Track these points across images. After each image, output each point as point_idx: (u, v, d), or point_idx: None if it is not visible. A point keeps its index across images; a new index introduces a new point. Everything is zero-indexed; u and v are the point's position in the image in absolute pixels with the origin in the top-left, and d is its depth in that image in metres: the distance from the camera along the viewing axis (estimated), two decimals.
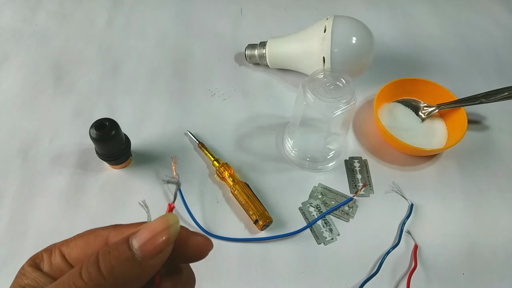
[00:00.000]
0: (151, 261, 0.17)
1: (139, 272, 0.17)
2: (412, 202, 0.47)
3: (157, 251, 0.17)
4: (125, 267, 0.16)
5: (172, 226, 0.17)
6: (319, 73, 0.45)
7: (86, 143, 0.50)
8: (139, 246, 0.17)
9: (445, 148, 0.49)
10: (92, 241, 0.20)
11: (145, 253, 0.17)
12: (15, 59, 0.61)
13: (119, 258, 0.16)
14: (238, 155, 0.51)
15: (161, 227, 0.17)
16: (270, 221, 0.44)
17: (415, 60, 0.62)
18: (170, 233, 0.17)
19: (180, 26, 0.66)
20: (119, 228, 0.20)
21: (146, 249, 0.17)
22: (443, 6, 0.71)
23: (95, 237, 0.20)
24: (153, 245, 0.17)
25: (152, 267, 0.17)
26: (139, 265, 0.16)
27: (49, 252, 0.20)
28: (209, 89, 0.58)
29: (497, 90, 0.50)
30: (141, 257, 0.16)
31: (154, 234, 0.17)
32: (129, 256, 0.16)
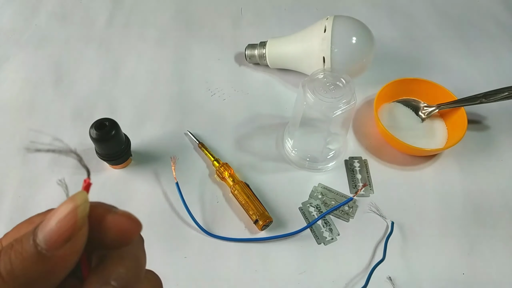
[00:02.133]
0: (59, 252, 0.14)
1: (46, 268, 0.14)
2: (392, 220, 0.45)
3: (63, 239, 0.14)
4: (28, 264, 0.14)
5: (79, 206, 0.14)
6: (319, 73, 0.45)
7: (86, 143, 0.50)
8: (44, 236, 0.14)
9: (445, 148, 0.49)
10: (24, 229, 0.17)
11: (49, 243, 0.14)
12: (15, 59, 0.61)
13: (20, 254, 0.14)
14: (238, 155, 0.51)
15: (66, 210, 0.14)
16: (270, 221, 0.44)
17: (415, 60, 0.62)
18: (77, 216, 0.14)
19: (180, 26, 0.66)
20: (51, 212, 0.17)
21: (51, 239, 0.14)
22: (443, 6, 0.71)
23: (28, 225, 0.17)
24: (58, 233, 0.14)
25: (62, 259, 0.14)
26: (45, 259, 0.14)
27: None
28: (209, 89, 0.58)
29: (497, 90, 0.50)
30: (45, 249, 0.14)
31: (59, 220, 0.14)
32: (32, 249, 0.14)
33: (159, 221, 0.45)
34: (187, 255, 0.43)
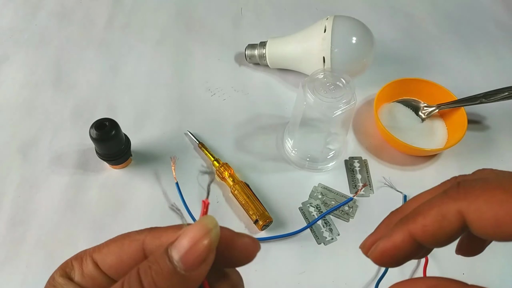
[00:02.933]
0: (195, 271, 0.16)
1: (183, 285, 0.16)
2: (405, 194, 0.47)
3: (200, 260, 0.15)
4: (168, 282, 0.15)
5: (212, 230, 0.16)
6: (319, 73, 0.45)
7: (86, 143, 0.50)
8: (180, 257, 0.15)
9: (445, 148, 0.49)
10: (126, 246, 0.18)
11: (187, 264, 0.15)
12: (15, 59, 0.61)
13: (161, 273, 0.15)
14: (238, 155, 0.51)
15: (200, 233, 0.16)
16: (270, 221, 0.44)
17: (415, 60, 0.62)
18: (211, 239, 0.16)
19: (180, 26, 0.66)
20: (155, 232, 0.19)
21: (188, 260, 0.15)
22: (443, 6, 0.71)
23: (130, 242, 0.18)
24: (195, 255, 0.15)
25: (196, 277, 0.16)
26: (182, 277, 0.15)
27: (80, 260, 0.19)
28: (209, 89, 0.58)
29: (497, 90, 0.50)
30: (183, 269, 0.15)
31: (193, 242, 0.15)
32: (171, 270, 0.15)
33: (159, 221, 0.45)
34: None
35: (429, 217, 0.17)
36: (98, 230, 0.44)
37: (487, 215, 0.15)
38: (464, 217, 0.16)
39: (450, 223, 0.16)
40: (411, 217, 0.18)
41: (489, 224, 0.16)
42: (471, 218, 0.16)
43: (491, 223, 0.16)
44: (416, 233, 0.17)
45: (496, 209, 0.15)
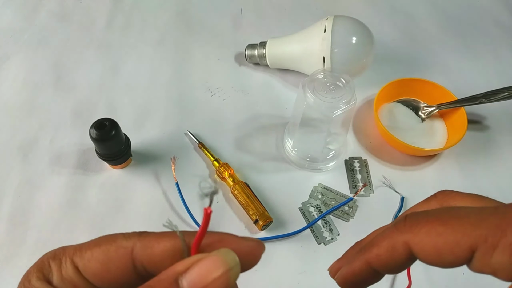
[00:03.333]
0: None
1: None
2: (403, 195, 0.47)
3: None
4: None
5: (232, 269, 0.15)
6: (319, 73, 0.45)
7: (86, 143, 0.50)
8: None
9: (445, 148, 0.49)
10: (113, 254, 0.17)
11: None
12: (15, 59, 0.61)
13: None
14: (238, 155, 0.51)
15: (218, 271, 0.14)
16: (270, 221, 0.44)
17: (415, 60, 0.62)
18: (229, 279, 0.14)
19: (180, 26, 0.66)
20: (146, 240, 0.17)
21: None
22: (443, 6, 0.71)
23: (117, 249, 0.17)
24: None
25: None
26: None
27: (59, 261, 0.17)
28: (209, 89, 0.58)
29: (497, 90, 0.50)
30: None
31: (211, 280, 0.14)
32: None
33: (159, 221, 0.45)
34: None
35: (382, 248, 0.19)
36: (98, 230, 0.44)
37: (429, 246, 0.17)
38: (410, 247, 0.18)
39: (399, 253, 0.18)
40: (367, 248, 0.20)
41: (431, 254, 0.18)
42: (416, 249, 0.18)
43: (433, 253, 0.17)
44: (372, 261, 0.19)
45: (435, 240, 0.17)
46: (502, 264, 0.16)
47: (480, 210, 0.17)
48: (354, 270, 0.20)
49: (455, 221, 0.17)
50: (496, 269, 0.16)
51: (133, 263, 0.17)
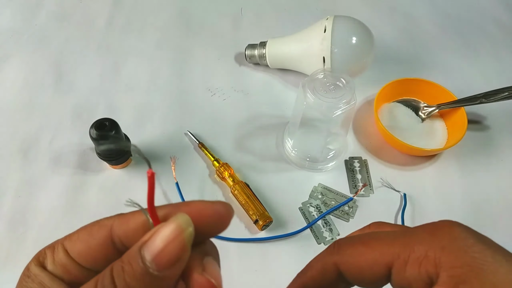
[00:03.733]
0: (167, 271, 0.15)
1: (156, 285, 0.16)
2: (404, 192, 0.47)
3: (172, 261, 0.15)
4: (141, 283, 0.15)
5: (186, 230, 0.16)
6: (319, 73, 0.45)
7: (86, 143, 0.50)
8: (152, 258, 0.15)
9: (445, 148, 0.49)
10: (95, 232, 0.18)
11: (159, 265, 0.15)
12: (15, 59, 0.61)
13: (133, 275, 0.15)
14: (238, 155, 0.51)
15: (174, 233, 0.16)
16: (270, 221, 0.44)
17: (415, 60, 0.62)
18: (184, 240, 0.16)
19: (180, 26, 0.66)
20: (123, 217, 0.19)
21: (160, 261, 0.15)
22: (443, 6, 0.71)
23: (99, 228, 0.19)
24: (167, 256, 0.15)
25: (169, 277, 0.16)
26: (155, 278, 0.15)
27: (52, 248, 0.19)
28: (209, 89, 0.58)
29: (497, 90, 0.50)
30: (156, 270, 0.15)
31: (166, 243, 0.15)
32: (143, 271, 0.15)
33: None
34: None
35: (314, 269, 0.21)
36: None
37: (353, 265, 0.20)
38: (338, 267, 0.20)
39: (330, 273, 0.21)
40: (303, 271, 0.22)
41: (355, 272, 0.20)
42: (343, 268, 0.20)
43: (356, 271, 0.20)
44: (306, 282, 0.22)
45: (358, 259, 0.20)
46: (414, 276, 0.18)
47: (394, 233, 0.20)
48: None
49: (374, 242, 0.20)
50: (410, 281, 0.18)
51: (112, 240, 0.18)
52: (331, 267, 0.21)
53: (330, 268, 0.21)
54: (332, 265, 0.21)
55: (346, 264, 0.20)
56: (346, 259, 0.20)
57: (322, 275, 0.21)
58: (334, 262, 0.20)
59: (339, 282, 0.21)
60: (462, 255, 0.17)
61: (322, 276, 0.21)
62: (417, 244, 0.18)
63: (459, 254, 0.17)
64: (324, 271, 0.21)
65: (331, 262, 0.21)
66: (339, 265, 0.20)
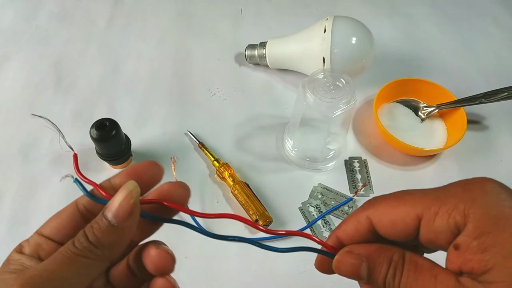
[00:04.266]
0: (126, 223, 0.20)
1: (119, 235, 0.20)
2: None
3: (127, 213, 0.20)
4: (106, 233, 0.20)
5: (133, 190, 0.20)
6: (319, 73, 0.45)
7: (87, 143, 0.50)
8: (112, 215, 0.20)
9: (444, 148, 0.49)
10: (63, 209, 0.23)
11: (118, 218, 0.20)
12: (15, 59, 0.61)
13: (100, 228, 0.20)
14: (238, 155, 0.51)
15: (124, 194, 0.20)
16: (270, 221, 0.44)
17: (415, 60, 0.63)
18: (133, 197, 0.20)
19: (180, 26, 0.66)
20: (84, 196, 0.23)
21: (118, 215, 0.20)
22: (443, 6, 0.71)
23: (66, 206, 0.23)
24: (123, 210, 0.20)
25: (128, 227, 0.20)
26: (117, 229, 0.20)
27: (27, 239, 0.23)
28: (209, 89, 0.58)
29: (496, 90, 0.50)
30: (116, 222, 0.20)
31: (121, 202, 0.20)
32: (107, 225, 0.20)
33: None
34: (187, 255, 0.43)
35: (348, 223, 0.23)
36: None
37: (385, 217, 0.21)
38: (371, 220, 0.21)
39: (362, 226, 0.22)
40: (338, 225, 0.24)
41: (386, 224, 0.21)
42: (375, 220, 0.21)
43: (387, 223, 0.21)
44: (340, 235, 0.23)
45: (390, 212, 0.21)
46: (442, 227, 0.19)
47: (426, 189, 0.21)
48: (326, 246, 0.24)
49: (406, 196, 0.21)
50: (438, 233, 0.19)
51: (79, 210, 0.23)
52: (364, 221, 0.22)
53: (363, 222, 0.22)
54: (365, 219, 0.22)
55: (379, 216, 0.21)
56: (379, 212, 0.21)
57: (356, 229, 0.22)
58: (367, 216, 0.22)
59: (370, 236, 0.22)
60: (491, 208, 0.18)
61: (355, 230, 0.22)
62: (449, 197, 0.19)
63: (488, 207, 0.18)
64: (358, 224, 0.22)
65: (365, 216, 0.22)
66: (372, 219, 0.21)
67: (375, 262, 0.21)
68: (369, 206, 0.22)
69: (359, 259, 0.21)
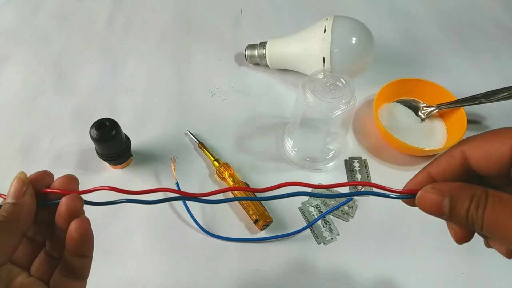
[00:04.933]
0: (24, 199, 0.25)
1: (20, 210, 0.25)
2: None
3: (21, 192, 0.25)
4: (10, 211, 0.24)
5: (20, 176, 0.26)
6: (319, 73, 0.45)
7: (87, 143, 0.50)
8: (10, 196, 0.25)
9: (444, 148, 0.49)
10: None
11: (14, 197, 0.25)
12: (15, 59, 0.61)
13: (4, 209, 0.24)
14: (238, 155, 0.51)
15: (16, 180, 0.26)
16: (270, 221, 0.44)
17: (415, 60, 0.63)
18: (22, 180, 0.26)
19: (180, 26, 0.66)
20: None
21: (14, 194, 0.25)
22: (443, 6, 0.71)
23: None
24: (17, 190, 0.25)
25: (27, 203, 0.25)
26: (18, 206, 0.25)
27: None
28: (209, 89, 0.58)
29: (496, 90, 0.50)
30: (15, 200, 0.25)
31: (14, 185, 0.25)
32: (9, 205, 0.25)
33: (159, 221, 0.45)
34: (187, 255, 0.43)
35: (442, 158, 0.23)
36: (98, 230, 0.44)
37: (479, 151, 0.21)
38: (465, 154, 0.22)
39: (455, 160, 0.22)
40: (430, 163, 0.24)
41: (481, 158, 0.21)
42: (469, 154, 0.22)
43: (482, 157, 0.21)
44: (432, 171, 0.24)
45: (485, 144, 0.21)
46: None
47: None
48: (417, 181, 0.25)
49: (501, 131, 0.21)
50: None
51: None
52: (457, 155, 0.22)
53: (456, 156, 0.22)
54: (459, 153, 0.22)
55: (474, 150, 0.22)
56: (474, 146, 0.22)
57: (448, 163, 0.23)
58: (462, 150, 0.22)
59: (462, 171, 0.22)
60: None
61: (448, 165, 0.23)
62: None
63: None
64: (451, 158, 0.23)
65: (459, 150, 0.22)
66: (466, 152, 0.22)
67: (457, 197, 0.21)
68: (464, 142, 0.22)
69: (442, 194, 0.21)
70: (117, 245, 0.43)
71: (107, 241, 0.43)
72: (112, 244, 0.43)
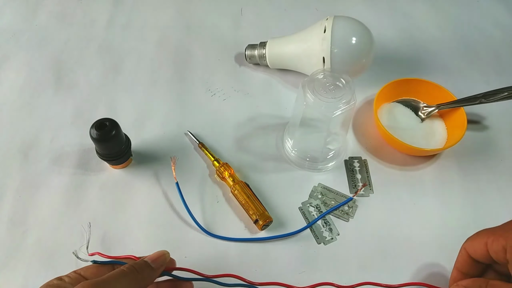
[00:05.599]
0: (160, 269, 0.33)
1: (154, 274, 0.33)
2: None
3: (162, 264, 0.34)
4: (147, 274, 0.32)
5: (165, 254, 0.35)
6: (319, 73, 0.45)
7: (87, 143, 0.50)
8: (152, 261, 0.33)
9: (444, 148, 0.49)
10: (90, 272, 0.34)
11: (156, 265, 0.33)
12: (15, 59, 0.61)
13: (140, 266, 0.32)
14: (238, 155, 0.51)
15: (161, 253, 0.34)
16: (270, 221, 0.44)
17: (415, 60, 0.63)
18: (166, 257, 0.34)
19: (180, 26, 0.66)
20: None
21: (157, 262, 0.33)
22: (443, 6, 0.71)
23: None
24: (159, 260, 0.34)
25: (158, 272, 0.33)
26: (154, 270, 0.33)
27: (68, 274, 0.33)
28: (209, 89, 0.58)
29: (496, 90, 0.50)
30: (155, 267, 0.33)
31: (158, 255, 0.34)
32: (149, 268, 0.33)
33: (159, 221, 0.45)
34: (187, 255, 0.43)
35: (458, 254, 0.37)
36: (98, 230, 0.44)
37: (471, 248, 0.35)
38: (467, 251, 0.35)
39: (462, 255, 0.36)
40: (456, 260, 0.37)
41: (473, 253, 0.34)
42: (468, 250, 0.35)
43: (473, 252, 0.34)
44: (457, 265, 0.36)
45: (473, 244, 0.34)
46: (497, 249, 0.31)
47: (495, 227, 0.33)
48: (452, 277, 0.36)
49: (481, 232, 0.33)
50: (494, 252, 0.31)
51: None
52: (463, 251, 0.35)
53: (463, 251, 0.35)
54: (463, 249, 0.35)
55: (469, 247, 0.34)
56: (468, 244, 0.34)
57: (462, 258, 0.35)
58: (464, 247, 0.35)
59: (473, 261, 0.34)
60: None
61: (462, 259, 0.35)
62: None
63: None
64: (460, 254, 0.35)
65: (463, 247, 0.35)
66: (466, 249, 0.34)
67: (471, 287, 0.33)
68: (466, 240, 0.35)
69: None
70: (117, 245, 0.43)
71: (107, 241, 0.43)
72: (112, 244, 0.43)
